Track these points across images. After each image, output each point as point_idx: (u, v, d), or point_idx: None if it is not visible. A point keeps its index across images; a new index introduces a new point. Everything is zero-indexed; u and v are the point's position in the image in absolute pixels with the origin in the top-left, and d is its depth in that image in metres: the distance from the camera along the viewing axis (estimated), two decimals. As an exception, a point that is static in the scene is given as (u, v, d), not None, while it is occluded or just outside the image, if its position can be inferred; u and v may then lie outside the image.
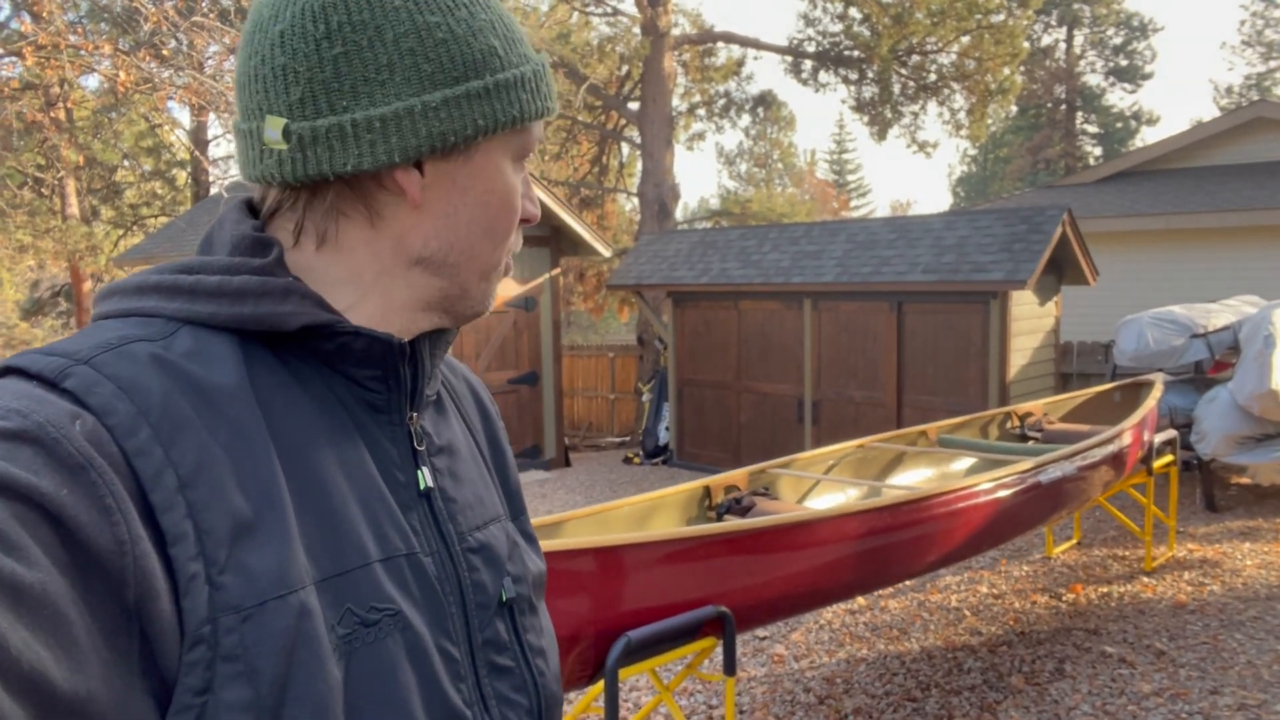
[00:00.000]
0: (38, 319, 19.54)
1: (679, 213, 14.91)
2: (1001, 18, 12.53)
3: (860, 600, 5.20)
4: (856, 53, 13.27)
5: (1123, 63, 26.61)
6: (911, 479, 4.85)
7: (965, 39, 12.64)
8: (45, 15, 10.33)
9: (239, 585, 0.56)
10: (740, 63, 15.40)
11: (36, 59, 9.25)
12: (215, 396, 0.60)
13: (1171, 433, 5.58)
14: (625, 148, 16.54)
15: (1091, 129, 27.49)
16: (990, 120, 14.82)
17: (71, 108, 14.54)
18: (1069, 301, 9.62)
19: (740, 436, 9.04)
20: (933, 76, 13.35)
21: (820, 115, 63.76)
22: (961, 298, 7.33)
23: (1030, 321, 7.54)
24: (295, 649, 0.57)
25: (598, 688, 2.82)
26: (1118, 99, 28.86)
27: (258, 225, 0.69)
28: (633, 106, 13.77)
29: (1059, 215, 7.18)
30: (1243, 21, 34.19)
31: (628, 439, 12.27)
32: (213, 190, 15.98)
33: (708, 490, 3.89)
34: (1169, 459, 5.54)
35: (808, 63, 13.96)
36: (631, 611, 2.73)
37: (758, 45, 14.00)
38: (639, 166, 13.55)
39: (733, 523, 2.99)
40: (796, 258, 8.46)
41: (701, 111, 16.03)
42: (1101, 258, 9.79)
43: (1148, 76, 26.61)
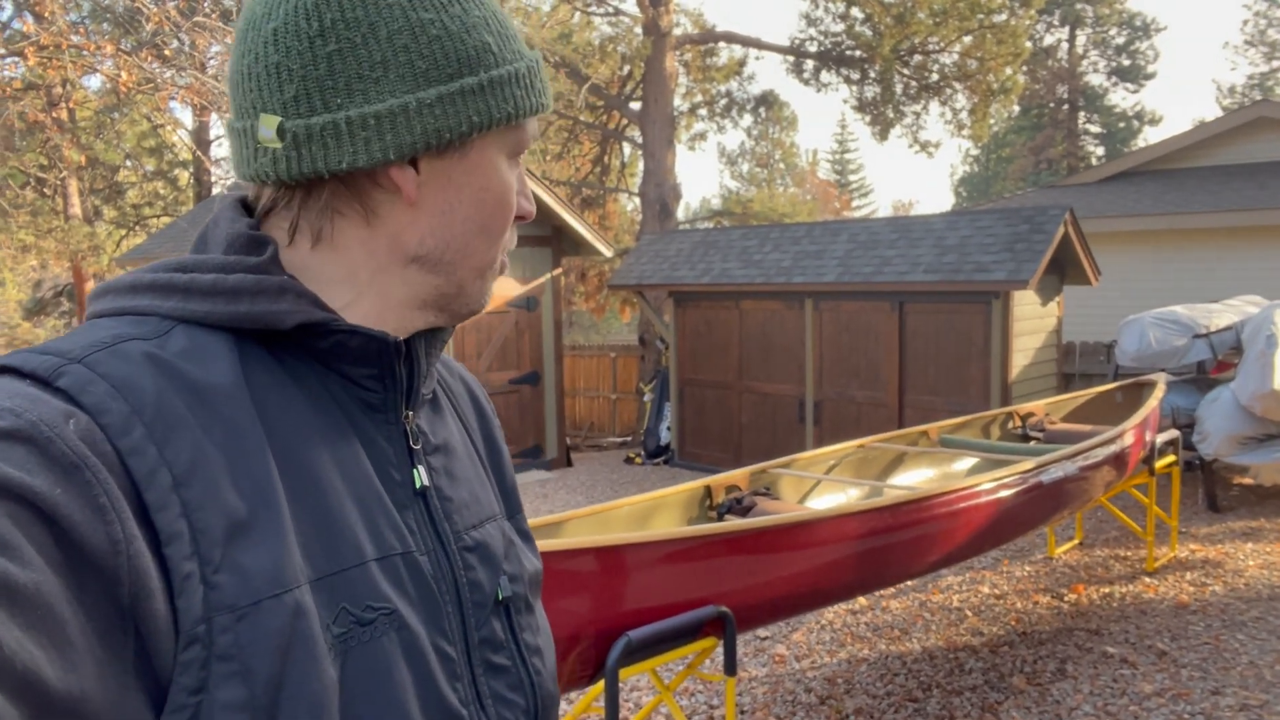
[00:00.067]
0: (40, 319, 19.56)
1: (680, 213, 14.88)
2: (1004, 17, 12.51)
3: (862, 600, 5.19)
4: (858, 52, 13.26)
5: (1125, 62, 26.61)
6: (913, 479, 4.85)
7: (967, 39, 12.62)
8: (47, 15, 10.33)
9: (234, 584, 0.56)
10: (742, 62, 15.38)
11: (39, 59, 9.27)
12: (210, 395, 0.60)
13: (1174, 433, 5.57)
14: (627, 148, 16.53)
15: (1094, 129, 27.49)
16: (992, 120, 14.82)
17: (74, 108, 14.58)
18: (1071, 301, 9.60)
19: (741, 436, 9.04)
20: (935, 76, 13.33)
21: (822, 115, 63.92)
22: (963, 298, 7.32)
23: (1032, 321, 7.53)
24: (290, 648, 0.57)
25: (598, 688, 2.81)
26: (1120, 99, 28.87)
27: (253, 224, 0.69)
28: (634, 106, 13.76)
29: (1061, 215, 7.17)
30: (1245, 21, 34.24)
31: (629, 439, 12.27)
32: (215, 190, 16.01)
33: (709, 490, 3.89)
34: (1171, 459, 5.53)
35: (809, 62, 13.95)
36: (632, 611, 2.72)
37: (759, 45, 13.99)
38: (640, 166, 13.53)
39: (733, 523, 2.98)
40: (798, 258, 8.45)
41: (703, 111, 16.01)
42: (1104, 258, 9.77)
43: (1150, 76, 26.61)
